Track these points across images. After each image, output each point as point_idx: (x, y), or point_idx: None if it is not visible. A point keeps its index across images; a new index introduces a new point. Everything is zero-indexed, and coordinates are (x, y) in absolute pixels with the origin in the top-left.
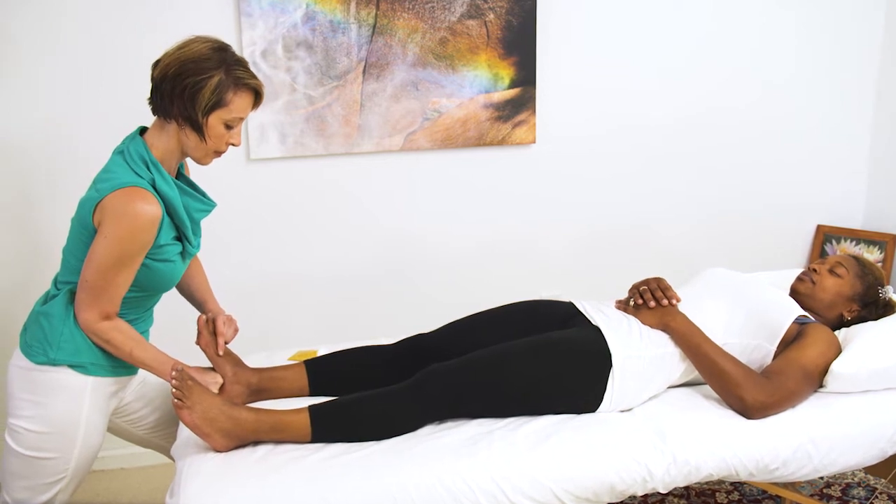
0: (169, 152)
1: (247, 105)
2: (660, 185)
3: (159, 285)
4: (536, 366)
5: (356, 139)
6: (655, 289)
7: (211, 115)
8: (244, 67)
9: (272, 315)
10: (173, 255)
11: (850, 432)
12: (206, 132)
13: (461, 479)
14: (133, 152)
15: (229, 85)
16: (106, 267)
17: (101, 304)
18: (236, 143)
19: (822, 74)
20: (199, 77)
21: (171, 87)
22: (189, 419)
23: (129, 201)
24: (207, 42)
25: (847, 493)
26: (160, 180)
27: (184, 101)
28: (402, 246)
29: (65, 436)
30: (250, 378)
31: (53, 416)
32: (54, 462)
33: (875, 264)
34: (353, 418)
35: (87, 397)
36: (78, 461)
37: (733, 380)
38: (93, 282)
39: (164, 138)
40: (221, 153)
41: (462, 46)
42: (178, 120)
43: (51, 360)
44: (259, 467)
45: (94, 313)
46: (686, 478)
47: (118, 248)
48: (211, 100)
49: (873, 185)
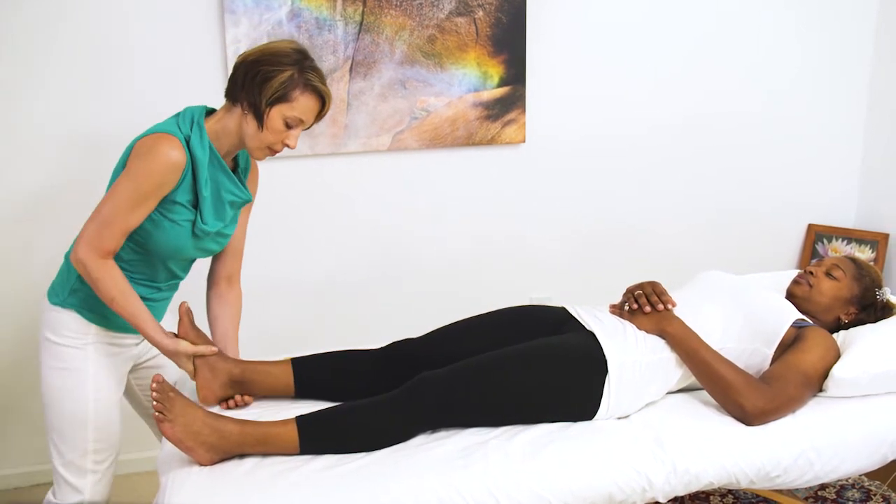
0: (225, 132)
1: (310, 108)
2: (651, 184)
3: (159, 247)
4: (531, 373)
5: (343, 139)
6: (651, 293)
7: (274, 108)
8: (318, 73)
9: (260, 317)
10: (182, 220)
11: (852, 438)
12: (265, 122)
13: (456, 491)
14: (188, 113)
15: (298, 83)
16: (120, 200)
17: (103, 238)
18: (292, 146)
19: (815, 75)
20: (273, 67)
21: (246, 70)
22: (171, 433)
23: (155, 143)
24: (292, 43)
25: (842, 496)
26: (196, 140)
27: (253, 87)
28: (391, 246)
29: (77, 375)
30: (232, 368)
31: (65, 352)
32: (72, 411)
33: (872, 266)
34: (343, 429)
35: (90, 345)
36: (96, 420)
37: (732, 386)
38: (104, 213)
39: (224, 120)
40: (276, 152)
41: (450, 44)
42: (244, 104)
43: (61, 301)
44: (246, 481)
45: (94, 246)
46: (686, 487)
47: (135, 184)
48: (278, 91)
49: (865, 185)
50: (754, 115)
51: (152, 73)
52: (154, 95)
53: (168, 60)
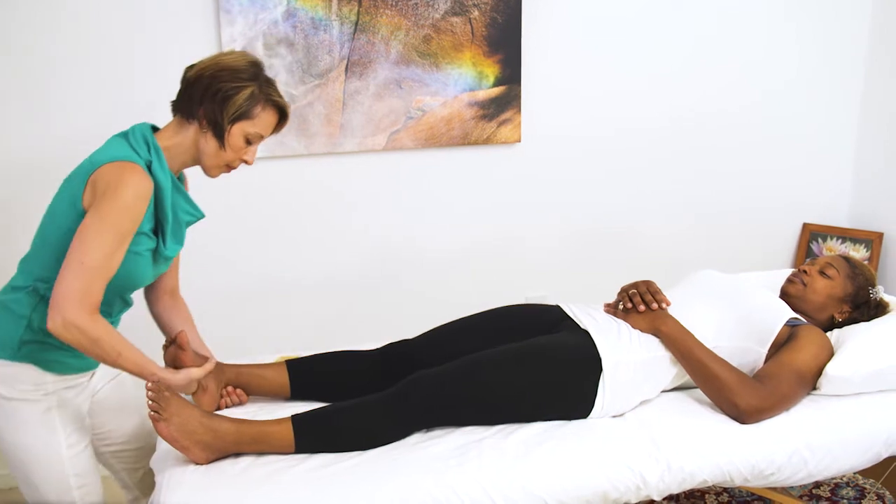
0: (179, 149)
1: (270, 123)
2: (646, 184)
3: (122, 282)
4: (525, 372)
5: (338, 139)
6: (645, 292)
7: (235, 125)
8: (275, 86)
9: (254, 318)
10: (144, 250)
11: (846, 437)
12: (226, 140)
13: (451, 490)
14: (137, 133)
15: (260, 99)
16: (102, 246)
17: (93, 293)
18: (249, 162)
19: (809, 75)
20: (234, 84)
21: (205, 88)
22: (167, 432)
23: (121, 175)
24: (244, 55)
25: (836, 494)
26: (157, 164)
27: (214, 105)
28: (387, 246)
29: (44, 429)
30: (227, 373)
31: (23, 407)
32: (48, 470)
33: (865, 264)
34: (338, 428)
35: (51, 395)
36: (74, 468)
37: (726, 384)
38: (88, 264)
39: (178, 136)
40: (232, 168)
41: (446, 44)
42: (202, 122)
43: (10, 355)
44: (241, 480)
45: (85, 304)
46: (680, 485)
47: (114, 226)
48: (241, 108)
49: (859, 184)
50: (749, 116)
51: (147, 72)
52: (149, 95)
53: (163, 59)
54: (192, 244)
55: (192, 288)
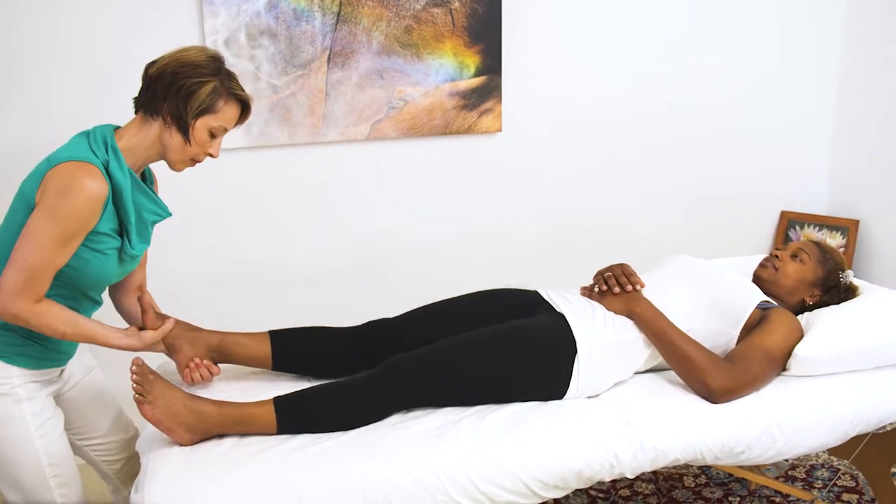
0: (143, 146)
1: (234, 116)
2: (626, 172)
3: (87, 281)
4: (502, 355)
5: (321, 128)
6: (620, 275)
7: (199, 120)
8: (236, 80)
9: (238, 306)
10: (108, 249)
11: (813, 416)
12: (191, 135)
13: (429, 468)
14: (98, 133)
15: (222, 93)
16: (44, 243)
17: (32, 286)
18: (214, 155)
19: (787, 66)
20: (195, 80)
21: (167, 84)
22: (151, 414)
23: (74, 175)
24: (204, 51)
25: (811, 475)
26: (114, 164)
27: (177, 101)
28: (369, 235)
29: (14, 421)
30: (209, 338)
31: None
32: (23, 461)
33: (836, 249)
34: (319, 409)
35: (18, 388)
36: (49, 458)
37: (698, 365)
38: (29, 260)
39: (141, 134)
40: (197, 162)
41: (427, 34)
42: (166, 118)
43: None
44: (225, 460)
45: (23, 296)
46: (653, 463)
47: (60, 225)
48: (204, 103)
49: (836, 172)
50: (728, 105)
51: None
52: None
53: (145, 51)
54: (176, 234)
55: (176, 277)
